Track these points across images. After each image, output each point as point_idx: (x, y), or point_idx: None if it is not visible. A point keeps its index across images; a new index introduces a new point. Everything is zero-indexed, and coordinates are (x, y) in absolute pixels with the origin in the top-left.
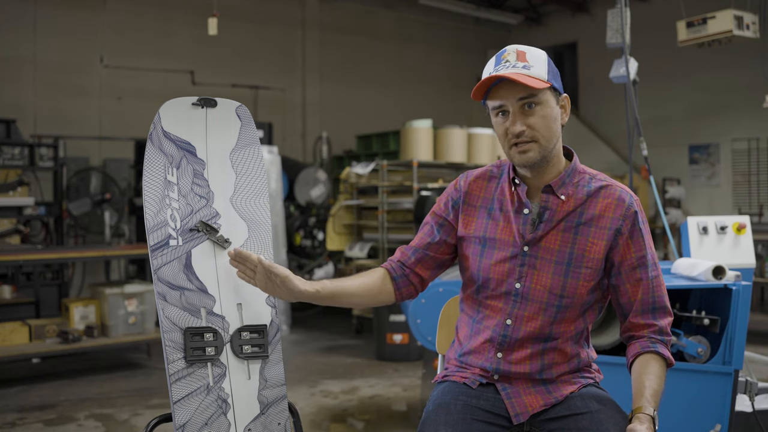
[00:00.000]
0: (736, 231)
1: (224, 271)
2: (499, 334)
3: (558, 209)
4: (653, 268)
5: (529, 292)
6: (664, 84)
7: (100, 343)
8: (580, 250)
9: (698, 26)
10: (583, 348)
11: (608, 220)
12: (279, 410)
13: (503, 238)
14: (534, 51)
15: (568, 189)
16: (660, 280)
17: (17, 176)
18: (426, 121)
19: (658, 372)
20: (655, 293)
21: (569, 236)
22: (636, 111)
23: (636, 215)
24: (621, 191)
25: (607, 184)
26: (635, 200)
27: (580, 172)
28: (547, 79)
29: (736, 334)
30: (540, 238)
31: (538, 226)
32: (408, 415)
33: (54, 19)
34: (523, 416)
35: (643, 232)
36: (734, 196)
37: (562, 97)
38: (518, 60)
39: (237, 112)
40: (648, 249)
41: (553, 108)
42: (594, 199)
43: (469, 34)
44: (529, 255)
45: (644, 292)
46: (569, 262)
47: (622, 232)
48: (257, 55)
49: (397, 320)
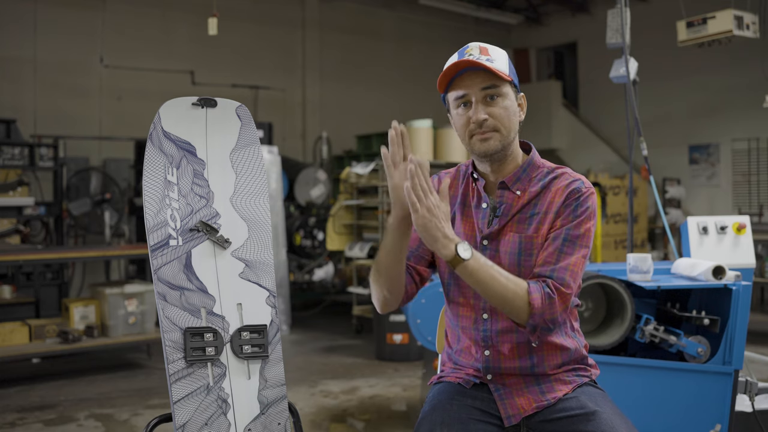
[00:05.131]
0: (736, 231)
1: (224, 271)
2: (480, 330)
3: (513, 203)
4: (569, 244)
5: None
6: (664, 84)
7: (100, 343)
8: (528, 238)
9: (698, 26)
10: (571, 337)
11: (554, 205)
12: (279, 410)
13: (466, 233)
14: (496, 48)
15: (523, 184)
16: (570, 256)
17: (17, 176)
18: (426, 121)
19: (512, 279)
20: (558, 263)
21: (523, 227)
22: (636, 111)
23: (578, 197)
24: (573, 179)
25: (561, 173)
26: (585, 187)
27: (539, 166)
28: (508, 74)
29: (736, 334)
30: (497, 233)
31: (494, 220)
32: (408, 415)
33: (54, 19)
34: (514, 419)
35: (577, 211)
36: (734, 196)
37: (520, 95)
38: (481, 54)
39: (237, 112)
40: (573, 227)
41: (512, 102)
42: (547, 190)
43: (469, 34)
44: (488, 248)
45: (545, 261)
46: (520, 252)
47: (559, 213)
48: (257, 55)
49: (397, 320)
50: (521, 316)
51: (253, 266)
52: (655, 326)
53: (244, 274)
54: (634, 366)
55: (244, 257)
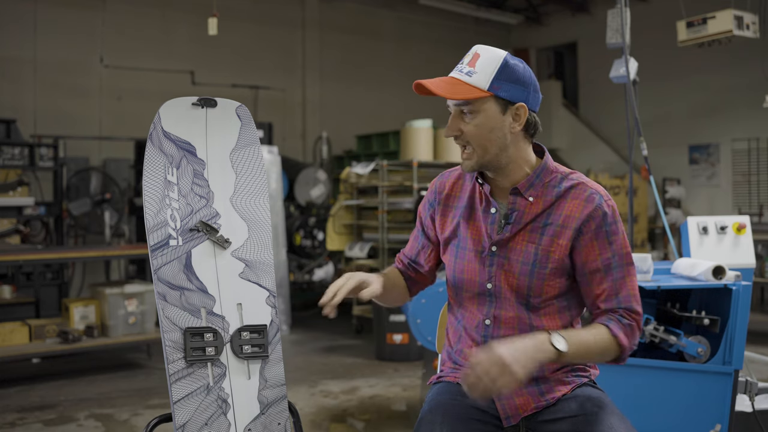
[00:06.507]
0: (736, 231)
1: (224, 271)
2: (481, 335)
3: (526, 211)
4: (619, 269)
5: (501, 292)
6: (664, 84)
7: (100, 343)
8: (545, 250)
9: (698, 26)
10: None
11: (573, 220)
12: (279, 410)
13: (473, 238)
14: (489, 55)
15: (537, 190)
16: (628, 282)
17: (17, 176)
18: (426, 121)
19: (597, 335)
20: (620, 296)
21: (536, 236)
22: (636, 111)
23: (603, 217)
24: (591, 191)
25: (577, 183)
26: (605, 201)
27: (552, 171)
28: (489, 88)
29: (736, 334)
30: (508, 240)
31: (505, 228)
32: (408, 415)
33: (54, 19)
34: (513, 419)
35: (610, 233)
36: (734, 196)
37: (515, 106)
38: (468, 64)
39: (237, 112)
40: (615, 251)
41: (493, 117)
42: (563, 200)
43: (469, 34)
44: (497, 255)
45: (610, 300)
46: (534, 263)
47: (584, 232)
48: (257, 55)
49: (397, 320)
50: (614, 357)
51: (253, 266)
52: (655, 326)
53: (244, 274)
54: (634, 366)
55: (244, 257)
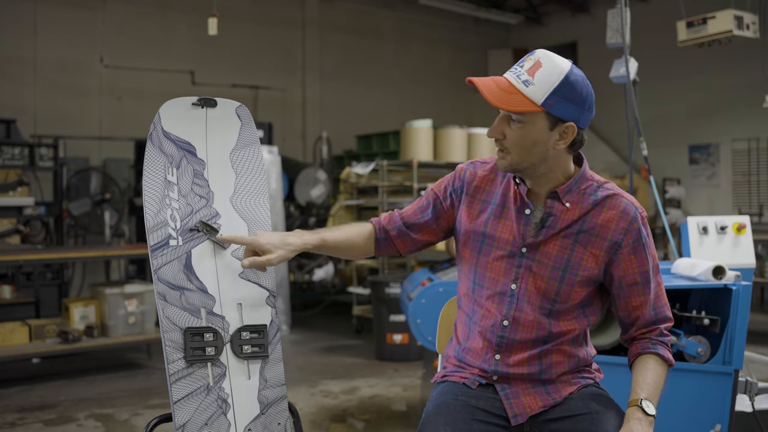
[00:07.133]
0: (736, 231)
1: (224, 271)
2: (497, 336)
3: (562, 216)
4: (654, 279)
5: (525, 294)
6: (664, 84)
7: (100, 343)
8: (578, 258)
9: (698, 26)
10: (582, 347)
11: (609, 231)
12: (279, 410)
13: (503, 237)
14: (551, 67)
15: (573, 196)
16: (660, 290)
17: (17, 176)
18: (426, 121)
19: (657, 370)
20: (656, 306)
21: (568, 242)
22: (636, 111)
23: (639, 231)
24: (627, 203)
25: (613, 194)
26: (640, 213)
27: (588, 179)
28: (543, 104)
29: (736, 334)
30: (540, 243)
31: (540, 231)
32: (408, 415)
33: (54, 19)
34: (521, 417)
35: (646, 246)
36: (734, 196)
37: (565, 125)
38: (528, 71)
39: (237, 112)
40: (650, 263)
41: (540, 132)
42: (599, 208)
43: (470, 34)
44: (526, 257)
45: (647, 310)
46: (565, 269)
47: (622, 246)
48: (257, 55)
49: (397, 320)
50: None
51: None
52: None
53: (244, 274)
54: None
55: None
